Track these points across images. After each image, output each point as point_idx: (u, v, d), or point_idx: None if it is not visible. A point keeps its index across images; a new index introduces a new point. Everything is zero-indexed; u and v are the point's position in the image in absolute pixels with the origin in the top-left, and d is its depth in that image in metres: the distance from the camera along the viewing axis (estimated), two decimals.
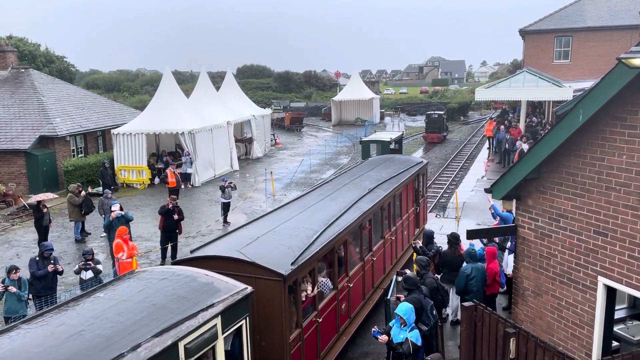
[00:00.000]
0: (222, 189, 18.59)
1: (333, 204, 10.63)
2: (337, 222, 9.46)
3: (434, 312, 8.38)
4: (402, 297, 8.79)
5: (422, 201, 15.59)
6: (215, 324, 5.87)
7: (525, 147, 23.00)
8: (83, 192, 17.17)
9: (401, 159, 15.61)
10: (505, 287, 11.06)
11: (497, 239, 11.19)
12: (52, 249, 11.25)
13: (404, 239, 13.67)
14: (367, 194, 11.46)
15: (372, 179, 12.85)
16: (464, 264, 9.99)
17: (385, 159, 15.81)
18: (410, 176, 13.81)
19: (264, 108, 42.43)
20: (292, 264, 7.47)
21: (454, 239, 10.74)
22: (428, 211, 19.73)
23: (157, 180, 25.58)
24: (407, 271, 9.02)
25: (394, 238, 12.57)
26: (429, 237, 11.31)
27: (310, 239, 8.36)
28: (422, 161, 15.46)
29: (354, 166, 15.42)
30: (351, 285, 9.89)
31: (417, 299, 8.02)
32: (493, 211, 12.84)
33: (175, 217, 14.71)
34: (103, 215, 16.73)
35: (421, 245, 11.15)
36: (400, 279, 8.89)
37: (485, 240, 10.98)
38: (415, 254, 11.31)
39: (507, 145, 25.58)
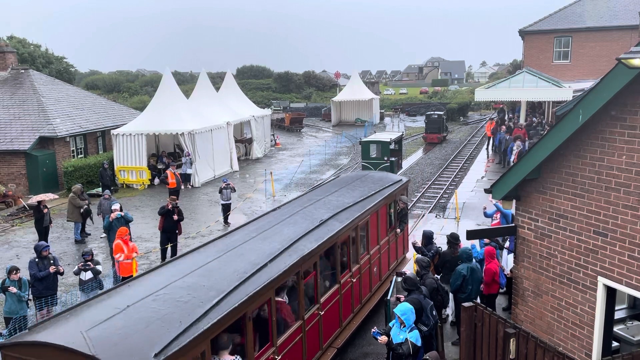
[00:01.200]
0: (220, 190, 18.68)
1: (264, 245, 8.10)
2: (259, 275, 7.03)
3: (434, 312, 8.38)
4: (402, 297, 8.80)
5: (405, 227, 13.43)
6: None
7: (516, 145, 23.06)
8: (86, 203, 17.17)
9: (375, 177, 13.12)
10: (505, 288, 11.07)
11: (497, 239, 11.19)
12: (48, 246, 11.23)
13: (375, 277, 11.25)
14: (316, 228, 8.98)
15: (330, 205, 10.40)
16: (460, 264, 10.01)
17: (357, 177, 13.30)
18: (384, 199, 11.48)
19: (264, 108, 42.42)
20: (157, 355, 5.11)
21: (453, 239, 10.75)
22: (428, 211, 19.79)
23: (156, 180, 25.57)
24: (407, 271, 9.02)
25: (355, 280, 10.11)
26: (428, 237, 11.30)
27: (204, 308, 5.98)
28: (400, 179, 13.05)
29: (319, 185, 13.08)
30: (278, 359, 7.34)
31: (416, 300, 8.02)
32: (494, 209, 12.88)
33: (175, 217, 14.70)
34: (101, 216, 16.75)
35: (420, 245, 11.15)
36: (399, 279, 8.90)
37: (486, 241, 10.99)
38: (415, 255, 11.32)
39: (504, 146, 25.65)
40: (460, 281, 9.66)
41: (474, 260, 10.10)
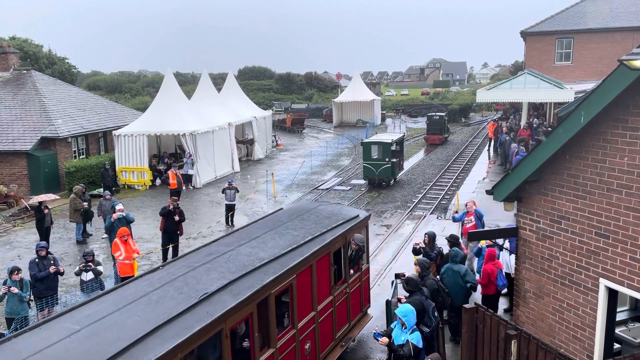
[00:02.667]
0: (223, 190, 18.78)
1: (86, 345, 5.54)
2: None
3: (436, 313, 8.39)
4: (403, 298, 8.80)
5: (362, 274, 10.43)
6: None
7: (514, 146, 23.05)
8: (86, 203, 17.21)
9: (324, 213, 10.23)
10: (507, 289, 11.06)
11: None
12: (44, 246, 11.25)
13: (309, 357, 8.54)
14: (184, 312, 6.15)
15: (234, 264, 7.66)
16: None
17: (299, 212, 10.33)
18: (326, 246, 8.79)
19: (265, 109, 42.48)
20: None
21: (453, 240, 10.78)
22: (429, 213, 19.77)
23: (158, 181, 25.60)
24: (406, 273, 9.00)
25: None
26: (432, 238, 11.32)
27: None
28: (357, 215, 10.26)
29: (244, 227, 9.77)
30: None
31: (419, 301, 8.02)
32: (462, 213, 13.19)
33: (177, 218, 14.72)
34: (101, 217, 16.78)
35: (423, 246, 11.15)
36: (399, 281, 8.89)
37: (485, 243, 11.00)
38: (416, 257, 11.31)
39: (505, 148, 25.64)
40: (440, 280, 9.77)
41: (467, 262, 10.09)
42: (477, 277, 10.54)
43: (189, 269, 7.49)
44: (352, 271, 9.96)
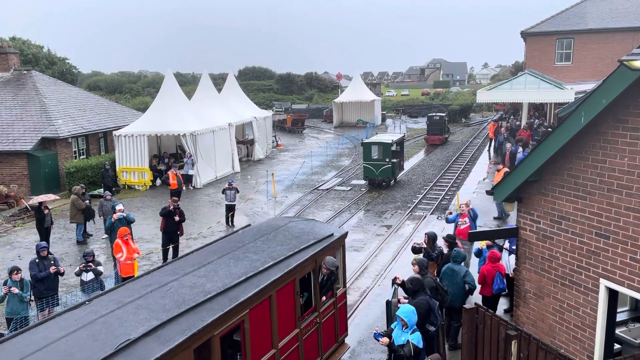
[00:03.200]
0: (223, 191, 18.78)
1: None
2: None
3: (439, 311, 8.43)
4: (402, 299, 8.80)
5: (337, 300, 9.27)
6: None
7: (508, 146, 23.11)
8: (87, 202, 17.24)
9: (293, 232, 9.08)
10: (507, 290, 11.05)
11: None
12: (45, 246, 11.26)
13: None
14: None
15: (173, 299, 6.46)
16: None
17: (268, 230, 9.20)
18: (288, 273, 7.63)
19: (266, 110, 42.50)
20: None
21: (451, 240, 10.80)
22: (429, 213, 19.77)
23: (158, 181, 25.60)
24: (399, 278, 8.98)
25: None
26: (432, 238, 11.32)
27: None
28: (331, 234, 9.15)
29: (198, 250, 8.59)
30: None
31: (425, 301, 8.06)
32: (455, 215, 13.31)
33: (177, 218, 14.72)
34: (102, 217, 16.78)
35: (424, 246, 11.16)
36: (398, 283, 8.90)
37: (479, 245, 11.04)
38: (415, 255, 11.31)
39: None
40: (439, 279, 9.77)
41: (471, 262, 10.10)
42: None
43: (117, 305, 6.32)
44: (324, 298, 8.84)
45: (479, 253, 11.26)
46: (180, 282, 6.96)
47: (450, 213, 13.76)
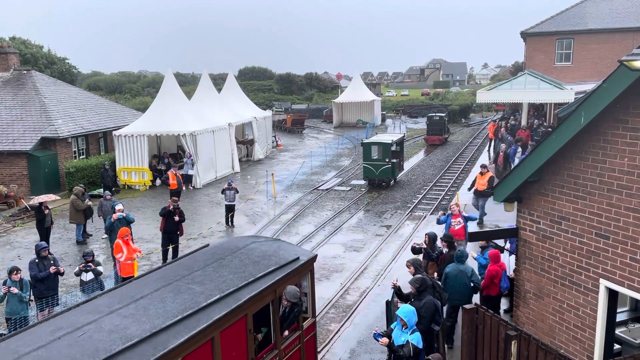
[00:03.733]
0: (223, 191, 18.78)
1: None
2: None
3: (440, 311, 8.45)
4: (399, 302, 8.83)
5: (303, 334, 8.29)
6: None
7: (503, 146, 23.09)
8: (88, 201, 17.23)
9: (253, 256, 7.92)
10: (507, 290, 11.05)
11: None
12: (46, 247, 11.26)
13: None
14: None
15: (82, 349, 5.23)
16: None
17: (224, 253, 8.04)
18: (242, 305, 6.60)
19: (266, 110, 42.49)
20: None
21: (449, 239, 10.82)
22: (429, 213, 19.76)
23: (158, 181, 25.60)
24: (396, 282, 8.98)
25: None
26: (433, 239, 11.32)
27: None
28: (297, 258, 8.07)
29: (136, 279, 7.40)
30: None
31: (432, 302, 8.09)
32: (446, 215, 13.56)
33: (177, 218, 14.71)
34: (101, 217, 16.77)
35: (424, 247, 11.15)
36: (398, 283, 8.91)
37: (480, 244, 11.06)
38: (415, 256, 11.31)
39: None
40: (444, 280, 9.78)
41: (474, 263, 10.11)
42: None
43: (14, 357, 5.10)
44: (286, 332, 7.75)
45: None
46: (98, 324, 5.69)
47: (444, 213, 13.86)
